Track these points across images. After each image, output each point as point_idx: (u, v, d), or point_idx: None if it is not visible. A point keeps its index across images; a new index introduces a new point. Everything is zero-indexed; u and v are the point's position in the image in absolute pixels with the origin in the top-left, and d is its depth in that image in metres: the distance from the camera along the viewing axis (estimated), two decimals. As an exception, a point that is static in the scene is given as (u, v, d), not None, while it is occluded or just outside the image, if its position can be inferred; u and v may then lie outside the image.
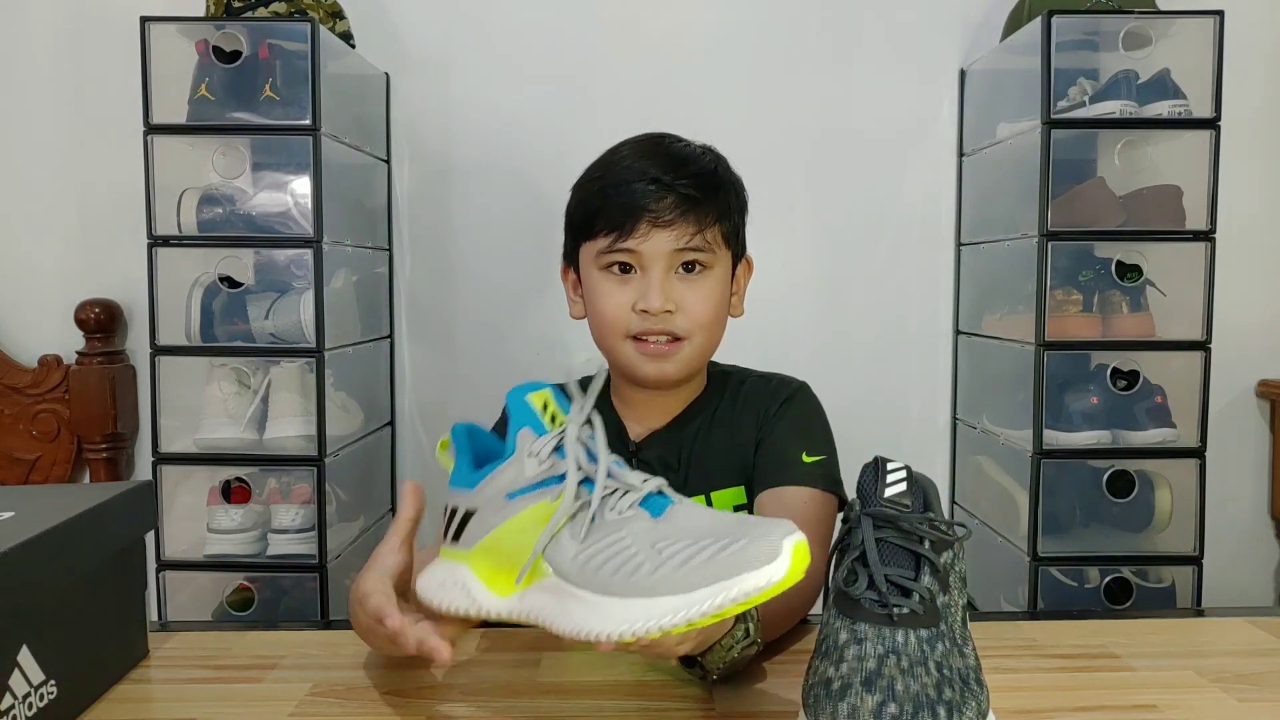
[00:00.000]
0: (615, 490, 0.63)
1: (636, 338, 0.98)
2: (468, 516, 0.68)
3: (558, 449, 0.65)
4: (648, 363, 0.99)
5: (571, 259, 1.05)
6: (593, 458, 0.65)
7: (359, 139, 1.84)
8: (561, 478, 0.64)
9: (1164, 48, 1.68)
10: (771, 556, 0.55)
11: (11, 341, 1.99)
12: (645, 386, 1.03)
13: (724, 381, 1.09)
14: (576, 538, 0.62)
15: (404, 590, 0.73)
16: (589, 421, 0.67)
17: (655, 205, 0.95)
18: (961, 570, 0.68)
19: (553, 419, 0.67)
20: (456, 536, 0.69)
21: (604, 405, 1.07)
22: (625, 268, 0.98)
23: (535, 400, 0.68)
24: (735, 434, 1.04)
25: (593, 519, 0.62)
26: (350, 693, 0.76)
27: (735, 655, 0.73)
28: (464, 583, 0.67)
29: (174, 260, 1.68)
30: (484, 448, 0.72)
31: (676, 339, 0.98)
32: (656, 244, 0.96)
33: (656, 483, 0.64)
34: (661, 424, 1.05)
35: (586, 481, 0.64)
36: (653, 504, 0.62)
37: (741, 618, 0.72)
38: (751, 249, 1.09)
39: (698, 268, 0.98)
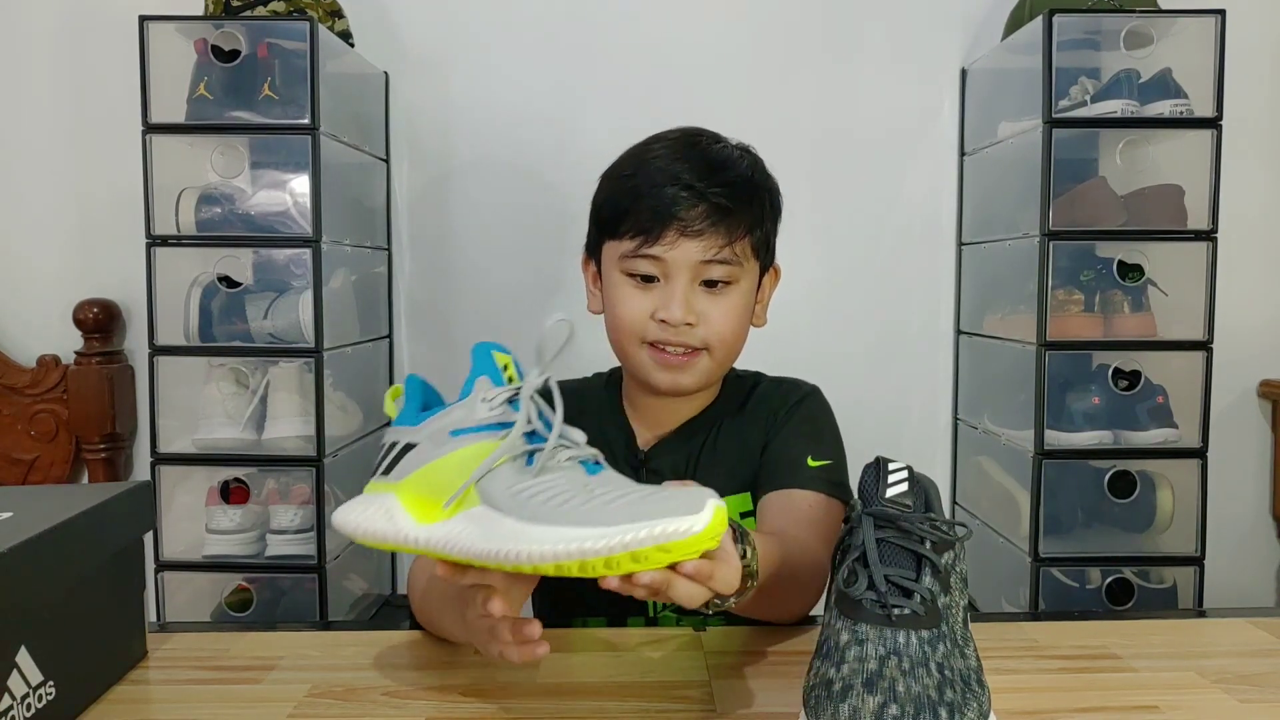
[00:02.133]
0: (561, 448, 0.65)
1: (653, 345, 0.95)
2: (406, 449, 0.68)
3: (512, 401, 0.66)
4: (662, 372, 0.96)
5: (594, 251, 1.02)
6: (546, 421, 0.66)
7: (358, 138, 1.84)
8: (510, 425, 0.65)
9: (1165, 47, 1.67)
10: (694, 510, 0.57)
11: (10, 341, 1.99)
12: (659, 394, 1.00)
13: (737, 386, 1.07)
14: (513, 474, 0.63)
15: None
16: (546, 390, 0.68)
17: (686, 213, 0.92)
18: (963, 571, 0.68)
19: (509, 380, 0.68)
20: (388, 471, 0.68)
21: (614, 411, 1.06)
22: (648, 276, 0.95)
23: (499, 358, 0.69)
24: (744, 440, 1.02)
25: (530, 461, 0.64)
26: (349, 694, 0.76)
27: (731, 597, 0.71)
28: (388, 508, 0.66)
29: (172, 260, 1.67)
30: (435, 400, 0.72)
31: (695, 350, 0.96)
32: (683, 253, 0.93)
33: (594, 452, 0.66)
34: (669, 430, 1.03)
35: (533, 435, 0.65)
36: (588, 466, 0.65)
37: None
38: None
39: (720, 284, 0.95)
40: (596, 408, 1.04)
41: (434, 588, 0.85)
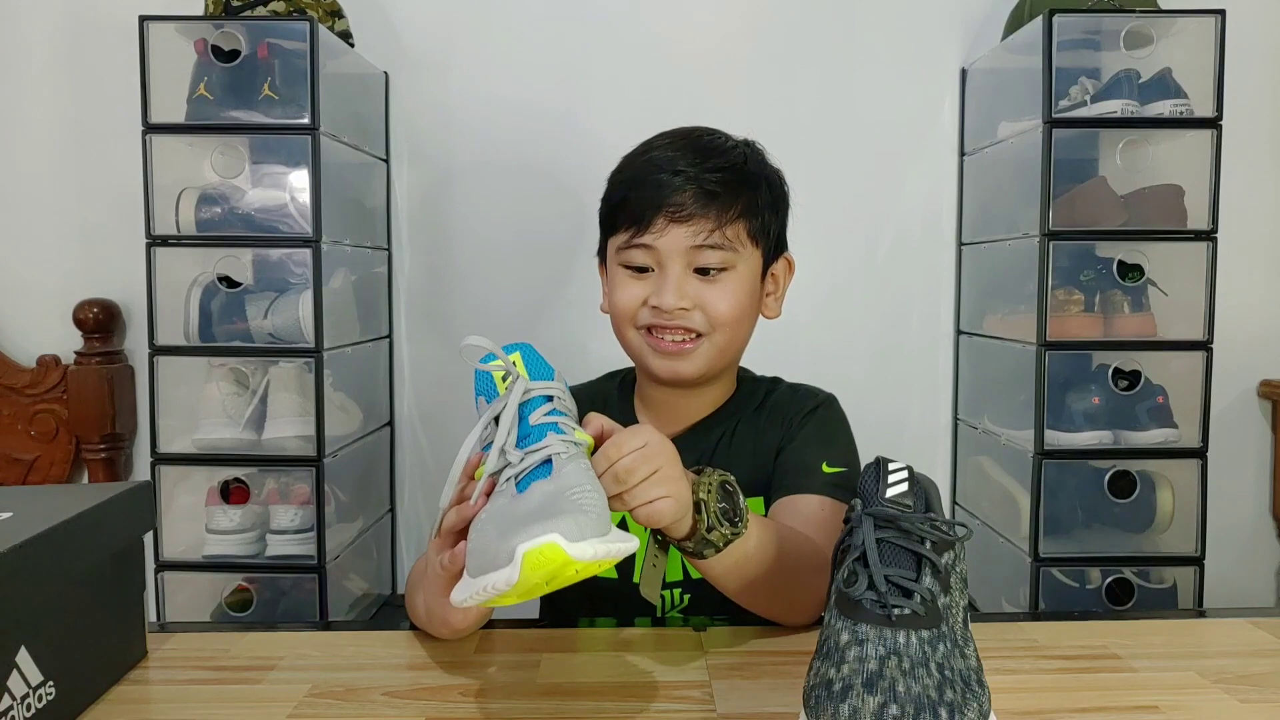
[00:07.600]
0: (507, 465, 0.71)
1: (649, 331, 0.96)
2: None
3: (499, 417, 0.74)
4: (659, 359, 0.96)
5: (602, 253, 1.03)
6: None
7: (358, 138, 1.84)
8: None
9: (1165, 47, 1.67)
10: (504, 564, 0.62)
11: (10, 341, 1.99)
12: (661, 384, 1.00)
13: (754, 389, 1.06)
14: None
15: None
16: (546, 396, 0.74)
17: (675, 199, 0.92)
18: (963, 571, 0.68)
19: (504, 377, 0.76)
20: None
21: (626, 408, 1.05)
22: (643, 267, 0.95)
23: (495, 372, 0.77)
24: (759, 444, 1.02)
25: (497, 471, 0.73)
26: (349, 694, 0.76)
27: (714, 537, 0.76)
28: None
29: (172, 260, 1.67)
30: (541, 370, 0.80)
31: (697, 335, 0.95)
32: (673, 240, 0.93)
33: (541, 456, 0.69)
34: (683, 428, 1.03)
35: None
36: (532, 474, 0.69)
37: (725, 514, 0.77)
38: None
39: (713, 271, 0.94)
40: (604, 405, 1.04)
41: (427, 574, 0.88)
